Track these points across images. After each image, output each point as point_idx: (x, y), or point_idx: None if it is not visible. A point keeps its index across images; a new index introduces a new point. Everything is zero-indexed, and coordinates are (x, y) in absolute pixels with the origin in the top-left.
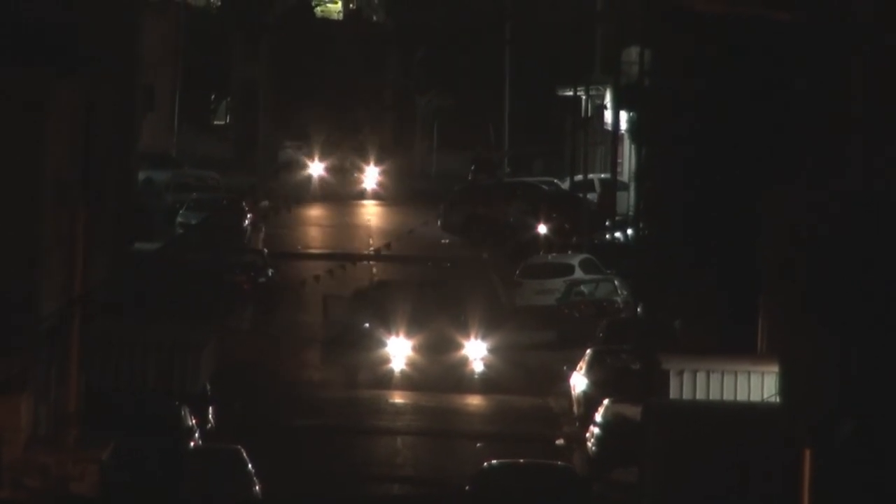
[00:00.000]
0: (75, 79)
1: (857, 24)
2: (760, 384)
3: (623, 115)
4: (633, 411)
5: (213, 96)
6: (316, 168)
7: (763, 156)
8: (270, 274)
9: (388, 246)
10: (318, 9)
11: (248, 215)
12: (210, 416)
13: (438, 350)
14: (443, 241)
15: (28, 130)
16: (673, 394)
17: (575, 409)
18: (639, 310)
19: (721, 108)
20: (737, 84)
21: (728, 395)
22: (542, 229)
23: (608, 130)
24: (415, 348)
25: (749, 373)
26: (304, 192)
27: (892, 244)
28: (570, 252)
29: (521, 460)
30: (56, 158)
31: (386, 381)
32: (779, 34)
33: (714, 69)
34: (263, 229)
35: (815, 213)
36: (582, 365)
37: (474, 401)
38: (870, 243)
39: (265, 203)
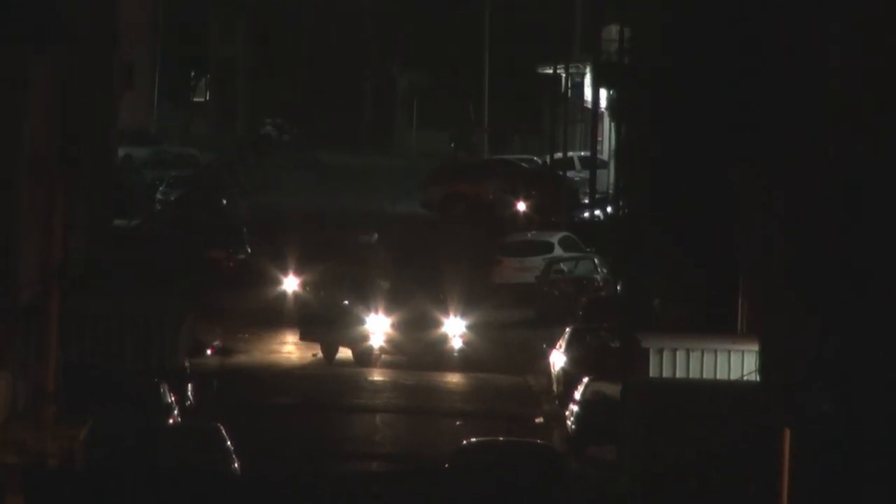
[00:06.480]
0: (54, 54)
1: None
2: (740, 363)
3: (603, 93)
4: (612, 389)
5: (192, 73)
6: (290, 283)
7: (741, 134)
8: (250, 251)
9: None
10: None
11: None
12: (189, 393)
13: (417, 327)
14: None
15: (5, 105)
16: (652, 372)
17: (554, 387)
18: (618, 288)
19: (699, 84)
20: (715, 60)
21: (708, 374)
22: (522, 207)
23: (588, 108)
24: (394, 325)
25: (729, 351)
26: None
27: (869, 222)
28: (549, 230)
29: (500, 438)
30: (34, 134)
31: (365, 358)
32: (757, 12)
33: (691, 46)
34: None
35: (791, 193)
36: (561, 343)
37: (453, 378)
38: (848, 222)
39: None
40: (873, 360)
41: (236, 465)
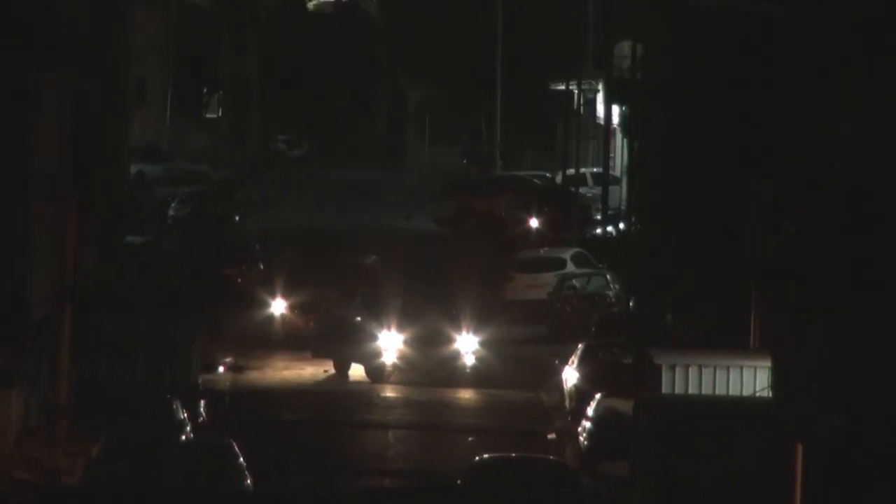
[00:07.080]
0: (65, 70)
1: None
2: (753, 379)
3: (615, 109)
4: (624, 405)
5: (204, 89)
6: (278, 306)
7: (751, 149)
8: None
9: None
10: (311, 3)
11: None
12: (201, 409)
13: (430, 344)
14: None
15: (17, 121)
16: (665, 388)
17: (566, 403)
18: (631, 304)
19: (708, 100)
20: (724, 77)
21: (720, 390)
22: (534, 223)
23: (600, 124)
24: (406, 342)
25: (741, 367)
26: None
27: (880, 237)
28: (562, 246)
29: (513, 454)
30: (46, 150)
31: (377, 374)
32: (767, 27)
33: (702, 62)
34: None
35: (802, 207)
36: (574, 359)
37: (466, 394)
38: (858, 237)
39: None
40: (884, 376)
41: (248, 481)
